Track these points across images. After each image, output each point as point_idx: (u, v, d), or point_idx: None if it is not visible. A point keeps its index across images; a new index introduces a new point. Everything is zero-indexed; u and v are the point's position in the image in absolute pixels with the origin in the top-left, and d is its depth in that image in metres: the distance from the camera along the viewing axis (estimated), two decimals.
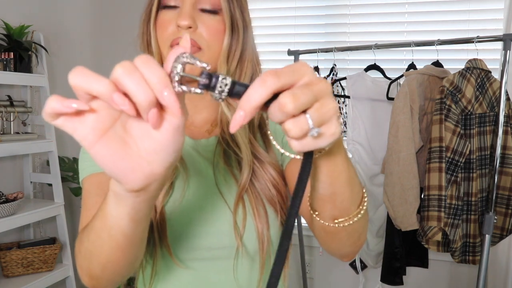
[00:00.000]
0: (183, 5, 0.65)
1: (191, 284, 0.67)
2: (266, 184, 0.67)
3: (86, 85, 0.33)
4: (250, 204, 0.66)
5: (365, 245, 1.93)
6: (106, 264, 0.50)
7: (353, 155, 1.89)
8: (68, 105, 0.34)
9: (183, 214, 0.66)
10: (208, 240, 0.66)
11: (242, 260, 0.67)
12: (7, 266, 1.93)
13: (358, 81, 1.86)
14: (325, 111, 0.36)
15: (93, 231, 0.48)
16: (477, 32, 1.92)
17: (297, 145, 0.37)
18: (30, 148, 1.99)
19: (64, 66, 2.42)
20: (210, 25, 0.66)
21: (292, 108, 0.34)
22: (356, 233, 0.56)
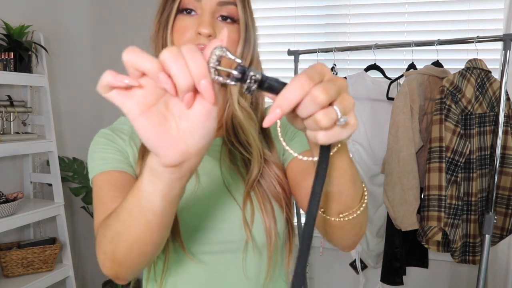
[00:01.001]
0: (203, 13, 0.68)
1: (201, 277, 0.70)
2: (272, 181, 0.71)
3: (137, 62, 0.37)
4: (257, 201, 0.69)
5: (365, 245, 1.93)
6: (133, 244, 0.51)
7: (353, 155, 1.89)
8: (121, 80, 0.38)
9: (194, 211, 0.69)
10: (218, 235, 0.69)
11: (251, 253, 0.70)
12: (7, 266, 1.93)
13: (358, 81, 1.86)
14: (347, 104, 0.41)
15: (125, 210, 0.50)
16: (477, 32, 1.92)
17: (324, 136, 0.40)
18: (30, 148, 1.99)
19: (64, 66, 2.42)
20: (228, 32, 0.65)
21: (324, 99, 0.38)
22: (358, 225, 0.60)
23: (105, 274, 0.58)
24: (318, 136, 0.41)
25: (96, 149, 0.73)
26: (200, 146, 0.41)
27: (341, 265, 2.31)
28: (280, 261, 0.75)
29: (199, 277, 0.70)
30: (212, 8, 0.69)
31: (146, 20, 2.71)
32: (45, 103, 2.07)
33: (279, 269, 0.75)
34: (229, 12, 0.70)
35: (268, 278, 0.71)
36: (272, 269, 0.71)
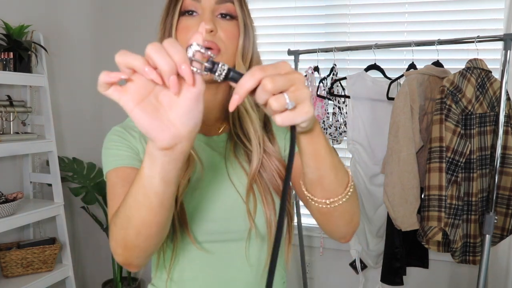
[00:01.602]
0: (203, 12, 0.73)
1: (206, 264, 0.75)
2: (273, 174, 0.76)
3: (126, 60, 0.44)
4: (259, 193, 0.75)
5: (365, 245, 1.93)
6: (140, 227, 0.57)
7: (353, 155, 1.89)
8: (115, 76, 0.44)
9: (200, 203, 0.74)
10: (223, 225, 0.74)
11: (253, 242, 0.76)
12: (6, 266, 1.93)
13: (358, 81, 1.86)
14: (298, 94, 0.48)
15: (131, 197, 0.56)
16: (477, 32, 1.92)
17: (278, 118, 0.48)
18: (29, 148, 1.99)
19: (64, 66, 2.41)
20: (227, 30, 0.74)
21: (271, 87, 0.46)
22: (348, 214, 0.67)
23: (118, 262, 0.64)
24: (276, 119, 0.48)
25: (109, 146, 0.77)
26: (189, 129, 0.48)
27: (341, 265, 2.31)
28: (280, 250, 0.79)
29: (205, 265, 0.75)
30: (211, 6, 0.74)
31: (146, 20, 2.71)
32: (45, 103, 2.07)
33: (278, 257, 0.78)
34: (228, 9, 0.75)
35: (267, 265, 0.75)
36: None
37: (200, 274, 0.76)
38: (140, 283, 2.67)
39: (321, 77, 2.01)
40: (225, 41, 0.74)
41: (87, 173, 2.38)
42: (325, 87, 1.98)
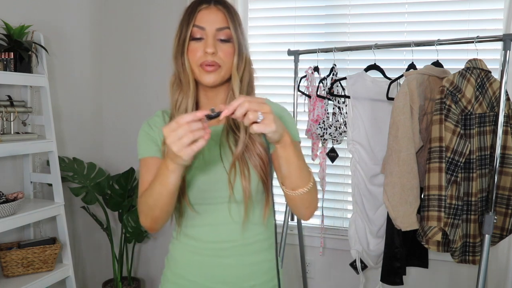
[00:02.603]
0: (207, 38, 0.98)
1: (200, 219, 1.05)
2: (254, 155, 1.01)
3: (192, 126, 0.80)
4: (240, 169, 1.00)
5: (365, 245, 1.93)
6: (163, 207, 0.94)
7: (353, 155, 1.89)
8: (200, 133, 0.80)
9: (196, 176, 1.02)
10: (211, 192, 1.02)
11: (233, 204, 1.03)
12: (7, 266, 1.93)
13: (358, 81, 1.86)
14: (265, 111, 0.80)
15: (157, 192, 0.91)
16: (477, 32, 1.92)
17: (255, 127, 0.79)
18: (30, 148, 1.99)
19: (64, 66, 2.42)
20: (225, 50, 0.99)
21: (248, 106, 0.78)
22: (307, 201, 0.98)
23: (144, 227, 1.01)
24: (252, 128, 0.80)
25: (140, 139, 1.07)
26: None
27: (341, 265, 2.31)
28: (257, 210, 1.06)
29: (199, 220, 1.05)
30: (213, 33, 0.98)
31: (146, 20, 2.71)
32: (45, 103, 2.07)
33: (256, 215, 1.06)
34: (226, 35, 0.99)
35: (246, 220, 1.03)
36: (248, 214, 1.03)
37: (197, 226, 1.06)
38: (140, 282, 2.68)
39: (321, 77, 2.01)
40: (223, 59, 0.99)
41: (87, 173, 2.38)
42: (325, 87, 1.99)
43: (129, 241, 2.48)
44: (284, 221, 2.07)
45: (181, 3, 2.44)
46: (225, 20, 0.99)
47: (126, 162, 2.57)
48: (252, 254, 1.06)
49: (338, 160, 2.11)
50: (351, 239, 1.95)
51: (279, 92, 2.41)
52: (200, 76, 0.99)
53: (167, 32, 2.57)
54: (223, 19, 0.99)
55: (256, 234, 1.07)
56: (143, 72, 2.64)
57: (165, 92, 2.72)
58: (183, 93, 1.02)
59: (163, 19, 2.55)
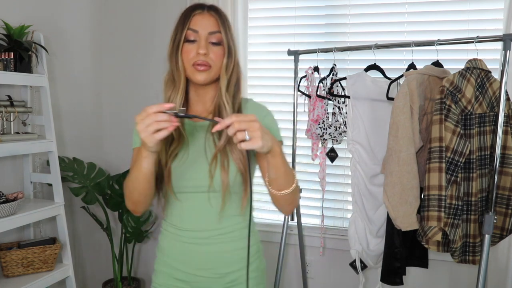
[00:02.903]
0: (200, 40, 1.08)
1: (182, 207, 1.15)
2: (235, 149, 1.09)
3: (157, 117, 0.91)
4: (221, 161, 1.09)
5: (365, 245, 1.93)
6: (141, 191, 1.06)
7: (353, 155, 1.89)
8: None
9: (180, 167, 1.12)
10: (193, 182, 1.11)
11: (212, 193, 1.12)
12: (7, 266, 1.93)
13: (358, 81, 1.86)
14: (253, 132, 0.88)
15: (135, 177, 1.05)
16: (477, 32, 1.92)
17: (243, 145, 0.88)
18: (30, 148, 1.99)
19: (64, 66, 2.42)
20: (216, 52, 1.09)
21: (237, 126, 0.87)
22: (289, 200, 1.09)
23: (129, 209, 1.15)
24: (240, 146, 0.89)
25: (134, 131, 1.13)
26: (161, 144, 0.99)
27: (341, 265, 2.31)
28: (235, 201, 1.14)
29: (180, 208, 1.16)
30: (206, 36, 1.08)
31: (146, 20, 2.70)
32: (45, 103, 2.07)
33: (233, 205, 1.14)
34: (217, 38, 1.09)
35: (223, 208, 1.12)
36: (225, 203, 1.11)
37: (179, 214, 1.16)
38: (140, 282, 2.68)
39: (321, 77, 2.01)
40: (214, 60, 1.09)
41: (87, 173, 2.38)
42: (325, 87, 1.99)
43: (129, 241, 2.48)
44: (284, 221, 2.07)
45: (181, 3, 2.44)
46: (216, 25, 1.09)
47: (126, 162, 2.56)
48: (230, 242, 1.15)
49: (338, 160, 2.11)
50: (351, 239, 1.95)
51: (279, 92, 2.41)
52: (193, 74, 1.09)
53: (167, 32, 2.56)
54: (215, 24, 1.09)
55: (234, 223, 1.15)
56: (143, 72, 2.64)
57: None
58: (175, 89, 1.12)
59: (163, 19, 2.55)
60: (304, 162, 2.39)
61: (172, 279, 1.19)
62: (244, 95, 1.25)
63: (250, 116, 0.89)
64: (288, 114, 2.32)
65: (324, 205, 2.21)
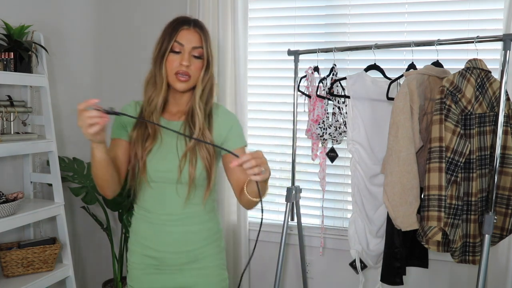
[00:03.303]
0: (184, 52, 1.24)
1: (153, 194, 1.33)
2: (203, 148, 1.28)
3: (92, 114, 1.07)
4: (189, 158, 1.27)
5: (365, 245, 1.93)
6: (101, 176, 1.22)
7: (353, 155, 1.89)
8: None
9: (154, 160, 1.29)
10: (165, 173, 1.29)
11: (180, 185, 1.30)
12: (7, 266, 1.94)
13: (358, 81, 1.86)
14: (264, 165, 1.05)
15: (92, 165, 1.20)
16: (477, 32, 1.92)
17: (258, 177, 1.04)
18: (30, 148, 1.99)
19: (64, 66, 2.42)
20: (197, 65, 1.27)
21: (254, 163, 1.02)
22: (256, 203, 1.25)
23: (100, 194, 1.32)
24: (255, 178, 1.04)
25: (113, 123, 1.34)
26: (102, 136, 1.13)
27: (341, 265, 2.31)
28: (198, 192, 1.32)
29: (152, 195, 1.33)
30: (189, 49, 1.25)
31: (146, 20, 2.70)
32: (45, 103, 2.07)
33: (197, 195, 1.32)
34: (198, 52, 1.26)
35: (188, 198, 1.30)
36: (190, 194, 1.30)
37: (150, 199, 1.34)
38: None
39: (321, 77, 2.01)
40: (193, 71, 1.26)
41: (88, 173, 2.38)
42: (325, 87, 1.99)
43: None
44: (284, 221, 2.07)
45: (180, 3, 2.44)
46: (200, 41, 1.26)
47: None
48: (193, 225, 1.34)
49: (338, 160, 2.11)
50: (351, 239, 1.95)
51: (279, 92, 2.41)
52: (174, 83, 1.25)
53: None
54: (199, 40, 1.26)
55: (196, 210, 1.34)
56: (143, 71, 2.63)
57: None
58: (156, 91, 1.28)
59: (162, 19, 2.54)
60: (304, 162, 2.39)
61: (144, 257, 1.36)
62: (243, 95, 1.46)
63: (259, 153, 1.04)
64: (288, 114, 2.32)
65: (324, 205, 2.21)
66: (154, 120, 1.28)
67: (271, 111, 2.46)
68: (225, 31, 2.31)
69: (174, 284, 1.36)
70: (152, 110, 1.29)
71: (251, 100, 2.42)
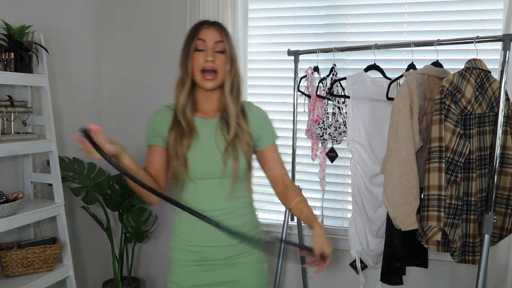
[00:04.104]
0: (207, 49, 1.28)
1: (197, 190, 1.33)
2: (242, 142, 1.32)
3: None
4: (231, 152, 1.30)
5: (365, 245, 1.93)
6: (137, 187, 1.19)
7: (353, 155, 1.89)
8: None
9: (196, 156, 1.30)
10: (208, 169, 1.31)
11: (224, 179, 1.32)
12: (7, 266, 1.94)
13: (358, 81, 1.86)
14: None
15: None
16: (476, 32, 1.92)
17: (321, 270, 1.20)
18: (30, 148, 1.99)
19: (64, 66, 2.42)
20: (221, 59, 1.29)
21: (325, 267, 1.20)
22: None
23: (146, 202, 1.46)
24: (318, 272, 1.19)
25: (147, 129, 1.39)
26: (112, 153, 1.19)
27: (341, 265, 2.32)
28: (241, 185, 1.36)
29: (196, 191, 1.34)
30: (212, 45, 1.29)
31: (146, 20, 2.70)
32: (46, 103, 2.07)
33: (240, 189, 1.35)
34: (221, 47, 1.30)
35: (233, 191, 1.32)
36: (235, 188, 1.33)
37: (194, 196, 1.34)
38: (140, 282, 2.68)
39: (321, 77, 2.01)
40: (219, 66, 1.29)
41: (88, 173, 2.39)
42: (325, 87, 1.99)
43: (129, 241, 2.48)
44: (284, 221, 2.07)
45: (181, 3, 2.45)
46: (220, 36, 1.31)
47: None
48: (237, 218, 1.35)
49: (338, 160, 2.12)
50: (351, 239, 1.95)
51: (279, 92, 2.41)
52: (202, 82, 1.28)
53: (167, 32, 2.58)
54: (219, 35, 1.31)
55: (240, 203, 1.37)
56: (143, 72, 2.64)
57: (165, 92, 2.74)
58: (184, 92, 1.31)
59: (163, 19, 2.55)
60: (304, 162, 2.39)
61: (187, 253, 1.37)
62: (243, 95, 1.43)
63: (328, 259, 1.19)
64: (288, 114, 2.32)
65: (324, 205, 2.21)
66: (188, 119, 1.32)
67: (271, 111, 2.44)
68: None
69: (218, 279, 1.36)
70: (183, 110, 1.32)
71: (251, 100, 2.42)
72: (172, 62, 2.58)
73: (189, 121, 1.31)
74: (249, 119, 1.37)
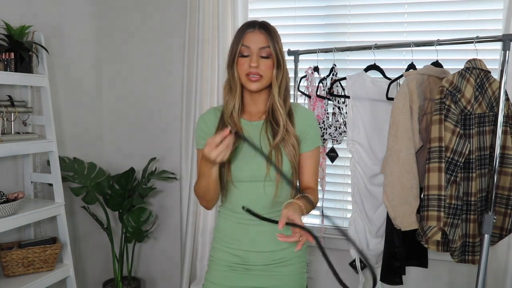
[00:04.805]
0: (252, 54, 1.27)
1: (240, 194, 1.33)
2: (288, 145, 1.29)
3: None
4: (275, 155, 1.28)
5: (365, 245, 1.93)
6: (214, 191, 1.28)
7: (353, 155, 1.89)
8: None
9: (239, 160, 1.30)
10: (251, 172, 1.30)
11: (267, 183, 1.30)
12: (7, 266, 1.94)
13: (358, 81, 1.86)
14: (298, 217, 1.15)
15: (203, 185, 1.26)
16: (476, 32, 1.92)
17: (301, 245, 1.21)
18: (30, 148, 1.99)
19: (65, 66, 2.42)
20: (266, 64, 1.27)
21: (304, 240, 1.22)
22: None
23: (203, 207, 1.38)
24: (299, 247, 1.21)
25: (196, 133, 1.41)
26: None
27: (341, 265, 2.31)
28: (285, 190, 1.32)
29: (239, 195, 1.33)
30: (257, 51, 1.27)
31: (146, 20, 2.70)
32: (46, 103, 2.07)
33: (283, 193, 1.32)
34: (266, 52, 1.27)
35: (276, 196, 1.30)
36: (278, 192, 1.30)
37: (236, 200, 1.34)
38: (140, 282, 2.68)
39: (321, 77, 2.01)
40: (264, 71, 1.27)
41: (88, 173, 2.39)
42: (325, 87, 1.99)
43: (129, 241, 2.48)
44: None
45: (180, 3, 2.45)
46: (266, 41, 1.28)
47: (127, 162, 2.57)
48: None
49: (338, 160, 2.12)
50: None
51: None
52: (247, 84, 1.28)
53: (167, 32, 2.58)
54: (264, 40, 1.28)
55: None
56: (144, 72, 2.64)
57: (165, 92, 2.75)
58: (232, 95, 1.31)
59: (163, 19, 2.55)
60: None
61: (228, 255, 1.37)
62: None
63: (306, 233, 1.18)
64: None
65: (324, 205, 2.21)
66: (234, 121, 1.32)
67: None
68: (225, 31, 2.31)
69: (255, 284, 1.35)
70: (230, 113, 1.33)
71: None
72: (172, 59, 2.61)
73: (235, 124, 1.31)
74: (295, 121, 1.35)
